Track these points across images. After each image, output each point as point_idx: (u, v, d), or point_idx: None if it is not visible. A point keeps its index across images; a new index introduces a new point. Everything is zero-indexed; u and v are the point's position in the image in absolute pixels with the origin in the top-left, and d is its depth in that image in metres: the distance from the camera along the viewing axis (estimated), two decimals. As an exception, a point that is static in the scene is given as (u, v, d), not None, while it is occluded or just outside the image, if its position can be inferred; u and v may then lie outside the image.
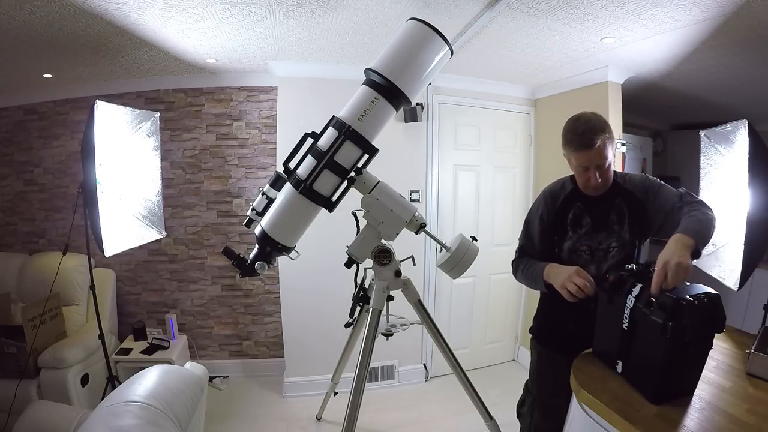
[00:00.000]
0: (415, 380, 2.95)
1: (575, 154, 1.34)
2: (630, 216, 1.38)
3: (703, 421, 0.94)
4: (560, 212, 1.45)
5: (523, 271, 1.49)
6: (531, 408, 1.60)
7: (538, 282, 1.40)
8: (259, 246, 1.56)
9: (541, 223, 1.49)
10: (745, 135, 1.40)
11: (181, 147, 2.86)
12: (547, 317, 1.59)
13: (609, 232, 1.39)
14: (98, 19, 1.75)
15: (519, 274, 1.53)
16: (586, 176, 1.35)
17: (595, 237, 1.40)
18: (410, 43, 1.41)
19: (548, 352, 1.55)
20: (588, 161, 1.32)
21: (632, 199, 1.39)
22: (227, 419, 2.49)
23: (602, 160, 1.32)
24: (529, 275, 1.46)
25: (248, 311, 3.01)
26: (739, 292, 1.47)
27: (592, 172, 1.33)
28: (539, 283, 1.40)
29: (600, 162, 1.32)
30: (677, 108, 3.44)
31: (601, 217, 1.40)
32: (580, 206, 1.42)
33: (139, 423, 0.93)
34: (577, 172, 1.39)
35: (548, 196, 1.51)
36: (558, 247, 1.45)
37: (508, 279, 3.17)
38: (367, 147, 1.45)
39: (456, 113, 2.88)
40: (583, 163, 1.34)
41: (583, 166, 1.34)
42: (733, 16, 1.62)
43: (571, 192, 1.46)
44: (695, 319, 0.95)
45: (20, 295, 2.58)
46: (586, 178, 1.35)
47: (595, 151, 1.30)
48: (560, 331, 1.48)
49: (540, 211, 1.50)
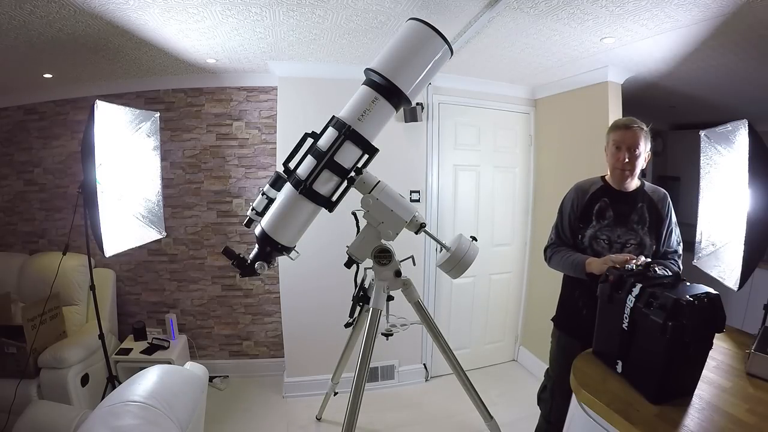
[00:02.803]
0: (415, 380, 2.95)
1: (613, 133, 1.57)
2: (650, 223, 1.58)
3: (703, 421, 0.94)
4: (588, 204, 1.63)
5: (561, 259, 1.63)
6: (552, 392, 1.74)
7: (578, 269, 1.55)
8: (259, 246, 1.56)
9: (571, 212, 1.67)
10: (745, 135, 1.40)
11: (181, 147, 2.86)
12: (564, 305, 1.76)
13: (628, 229, 1.57)
14: (98, 19, 1.74)
15: (554, 261, 1.68)
16: (617, 155, 1.54)
17: (615, 230, 1.58)
18: (410, 43, 1.41)
19: (566, 338, 1.71)
20: (622, 140, 1.53)
21: (653, 210, 1.59)
22: (227, 419, 2.49)
23: (635, 143, 1.51)
24: (567, 263, 1.60)
25: (248, 311, 3.01)
26: (739, 292, 1.47)
27: (623, 151, 1.52)
28: (578, 270, 1.55)
29: (632, 143, 1.51)
30: (677, 108, 3.44)
31: (624, 214, 1.58)
32: (606, 201, 1.60)
33: (139, 423, 0.93)
34: (611, 153, 1.58)
35: (579, 190, 1.69)
36: (581, 233, 1.63)
37: (508, 279, 3.19)
38: (367, 147, 1.45)
39: (456, 113, 2.88)
40: (617, 139, 1.54)
41: (617, 145, 1.54)
42: (733, 16, 1.62)
43: (600, 188, 1.64)
44: (695, 319, 0.95)
45: (20, 295, 2.58)
46: (617, 158, 1.54)
47: (631, 133, 1.52)
48: (576, 318, 1.63)
49: (571, 202, 1.68)
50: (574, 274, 1.60)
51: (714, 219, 1.68)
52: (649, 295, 1.06)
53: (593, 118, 2.55)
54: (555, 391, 1.72)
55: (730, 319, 1.01)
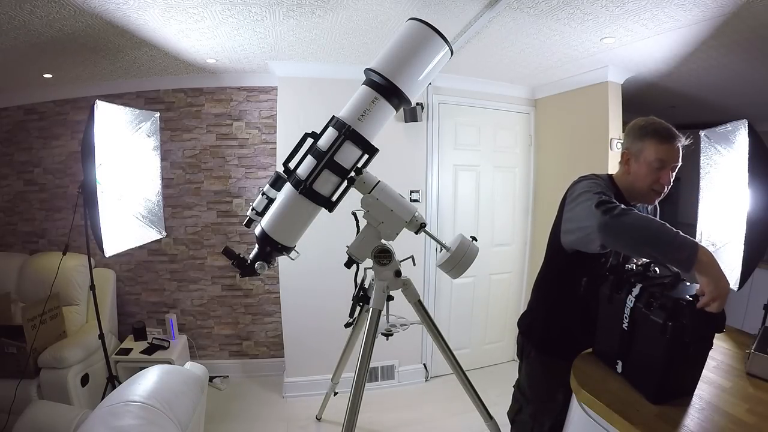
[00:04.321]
0: (415, 380, 2.95)
1: (658, 146, 1.22)
2: None
3: (703, 421, 0.94)
4: None
5: (651, 223, 1.03)
6: (534, 415, 1.52)
7: (682, 252, 0.97)
8: (259, 246, 1.56)
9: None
10: (745, 135, 1.40)
11: (181, 147, 2.86)
12: (553, 327, 1.46)
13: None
14: (98, 19, 1.74)
15: (637, 221, 1.03)
16: (658, 175, 1.22)
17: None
18: (410, 43, 1.41)
19: (554, 361, 1.41)
20: (671, 157, 1.22)
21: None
22: (227, 419, 2.49)
23: (678, 162, 1.24)
24: (665, 233, 0.99)
25: (248, 311, 3.01)
26: (739, 292, 1.47)
27: (667, 170, 1.22)
28: (682, 254, 0.97)
29: (677, 162, 1.23)
30: (677, 108, 3.44)
31: None
32: None
33: (139, 423, 0.93)
34: (650, 170, 1.24)
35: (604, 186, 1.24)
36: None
37: (508, 279, 3.19)
38: (367, 147, 1.45)
39: (456, 113, 2.88)
40: (663, 156, 1.21)
41: (662, 160, 1.21)
42: (733, 16, 1.62)
43: (615, 195, 1.23)
44: (695, 319, 0.95)
45: (20, 295, 2.58)
46: (656, 178, 1.23)
47: (677, 148, 1.22)
48: (569, 340, 1.37)
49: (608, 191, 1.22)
50: (658, 252, 1.01)
51: (714, 219, 1.68)
52: (649, 295, 1.06)
53: (593, 118, 2.55)
54: (537, 413, 1.50)
55: (730, 319, 1.01)
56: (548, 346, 1.47)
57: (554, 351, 1.45)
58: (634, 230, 1.03)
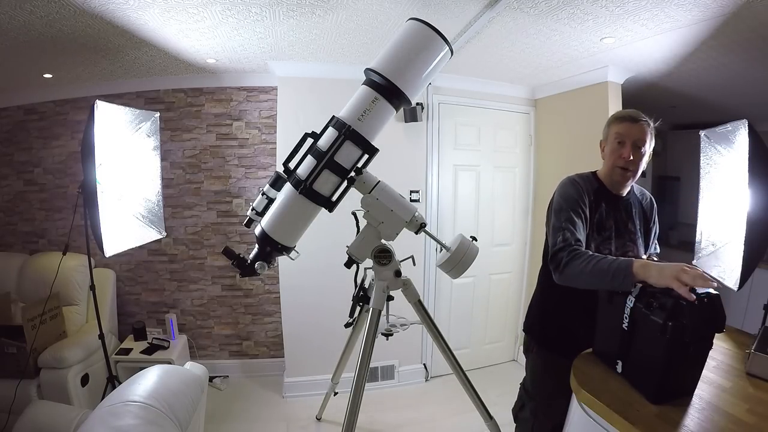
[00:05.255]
0: (415, 380, 2.95)
1: (617, 126, 1.37)
2: (643, 232, 1.48)
3: (703, 421, 0.94)
4: (592, 209, 1.39)
5: (588, 265, 1.17)
6: (534, 412, 1.56)
7: (619, 277, 1.09)
8: (259, 246, 1.56)
9: (583, 211, 1.36)
10: (745, 135, 1.40)
11: (181, 147, 2.86)
12: (551, 325, 1.52)
13: (627, 241, 1.44)
14: (98, 19, 1.74)
15: (573, 269, 1.20)
16: (620, 151, 1.35)
17: (615, 242, 1.42)
18: (410, 43, 1.41)
19: (554, 358, 1.46)
20: (627, 133, 1.34)
21: (644, 217, 1.50)
22: (227, 419, 2.49)
23: (641, 139, 1.34)
24: (599, 269, 1.13)
25: (248, 311, 3.01)
26: (739, 292, 1.47)
27: (627, 147, 1.34)
28: (620, 279, 1.09)
29: (638, 138, 1.34)
30: (677, 108, 3.44)
31: (623, 223, 1.44)
32: (606, 209, 1.41)
33: (139, 423, 0.93)
34: (612, 148, 1.38)
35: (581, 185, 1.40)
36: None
37: (508, 279, 3.19)
38: (367, 147, 1.44)
39: (456, 113, 2.88)
40: (621, 132, 1.35)
41: (620, 134, 1.36)
42: (733, 16, 1.62)
43: (597, 191, 1.42)
44: (695, 319, 0.95)
45: (20, 295, 2.58)
46: (619, 154, 1.35)
47: (638, 127, 1.34)
48: (569, 338, 1.40)
49: (582, 199, 1.37)
50: (606, 286, 1.17)
51: (714, 219, 1.68)
52: (649, 295, 1.05)
53: (593, 118, 2.55)
54: (538, 411, 1.55)
55: (730, 319, 1.01)
56: (548, 343, 1.54)
57: (554, 348, 1.51)
58: (579, 277, 1.21)
